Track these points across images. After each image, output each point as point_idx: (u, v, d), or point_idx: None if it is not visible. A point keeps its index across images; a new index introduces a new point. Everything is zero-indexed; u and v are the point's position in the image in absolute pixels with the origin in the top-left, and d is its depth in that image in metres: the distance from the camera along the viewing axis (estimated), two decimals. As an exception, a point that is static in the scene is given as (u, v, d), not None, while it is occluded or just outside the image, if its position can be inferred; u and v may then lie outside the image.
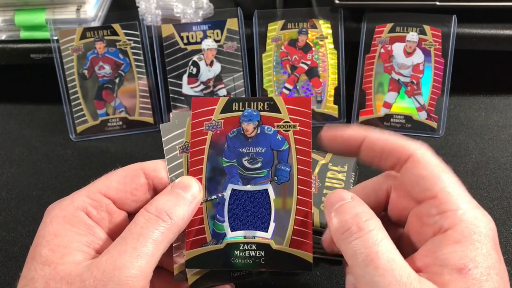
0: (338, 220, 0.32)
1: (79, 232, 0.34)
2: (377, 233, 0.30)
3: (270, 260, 0.36)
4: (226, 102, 0.39)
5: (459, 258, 0.29)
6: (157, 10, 0.68)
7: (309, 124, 0.39)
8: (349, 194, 0.34)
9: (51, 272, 0.32)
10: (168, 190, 0.36)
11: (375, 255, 0.29)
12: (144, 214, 0.34)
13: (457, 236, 0.30)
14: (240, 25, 0.68)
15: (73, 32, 0.67)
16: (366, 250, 0.29)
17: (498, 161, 0.63)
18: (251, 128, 0.39)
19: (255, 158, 0.39)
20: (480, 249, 0.30)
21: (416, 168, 0.34)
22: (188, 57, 0.68)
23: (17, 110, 0.75)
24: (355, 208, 0.32)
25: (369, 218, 0.31)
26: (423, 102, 0.68)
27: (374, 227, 0.30)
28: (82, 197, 0.35)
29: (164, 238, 0.33)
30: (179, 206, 0.35)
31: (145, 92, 0.70)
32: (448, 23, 0.66)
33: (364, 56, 0.68)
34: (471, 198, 0.33)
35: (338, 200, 0.33)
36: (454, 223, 0.30)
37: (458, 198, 0.32)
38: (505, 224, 0.56)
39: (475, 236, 0.30)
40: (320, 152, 0.57)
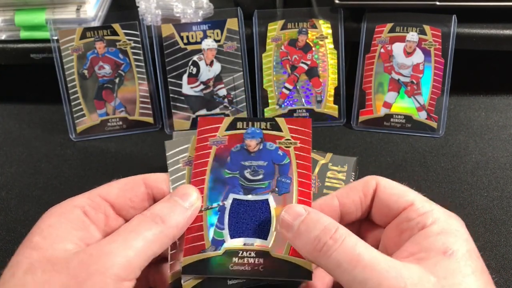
0: (309, 239, 0.33)
1: (74, 227, 0.35)
2: (350, 238, 0.32)
3: (268, 268, 0.36)
4: (231, 121, 0.42)
5: (442, 243, 0.32)
6: (157, 10, 0.68)
7: (310, 142, 0.41)
8: (302, 208, 0.35)
9: (38, 255, 0.32)
10: (167, 198, 0.37)
11: (358, 257, 0.31)
12: (138, 216, 0.35)
13: (438, 229, 0.34)
14: (240, 25, 0.68)
15: (73, 32, 0.67)
16: (348, 256, 0.31)
17: (498, 161, 0.63)
18: (254, 144, 0.41)
19: (257, 171, 0.40)
20: (459, 237, 0.33)
21: (386, 189, 0.38)
22: (188, 57, 0.68)
23: (17, 110, 0.75)
24: (318, 221, 0.33)
25: (337, 227, 0.33)
26: (423, 102, 0.68)
27: (345, 234, 0.32)
28: (82, 198, 0.37)
29: (156, 239, 0.34)
30: (174, 213, 0.36)
31: (145, 92, 0.70)
32: (448, 23, 0.66)
33: (364, 56, 0.68)
34: (433, 202, 0.38)
35: (295, 217, 0.34)
36: (434, 220, 0.34)
37: (430, 203, 0.37)
38: (505, 224, 0.56)
39: (453, 227, 0.34)
40: (320, 152, 0.57)
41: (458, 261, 0.32)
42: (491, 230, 0.56)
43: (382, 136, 0.68)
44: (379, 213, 0.38)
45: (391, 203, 0.37)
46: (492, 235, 0.55)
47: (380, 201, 0.37)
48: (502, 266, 0.52)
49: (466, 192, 0.60)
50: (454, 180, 0.61)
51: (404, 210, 0.36)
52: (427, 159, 0.64)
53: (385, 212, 0.37)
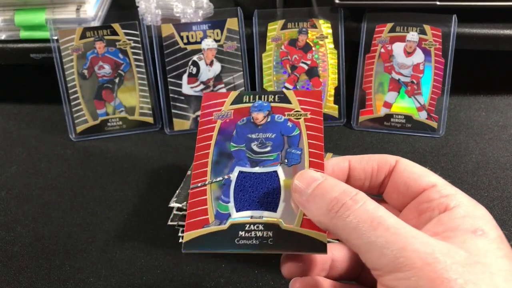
0: (326, 200, 0.30)
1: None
2: (371, 203, 0.29)
3: (279, 241, 0.34)
4: (237, 95, 0.40)
5: (470, 224, 0.29)
6: (157, 10, 0.68)
7: (321, 112, 0.39)
8: (318, 174, 0.32)
9: None
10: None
11: (380, 219, 0.28)
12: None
13: (463, 212, 0.30)
14: (240, 24, 0.68)
15: (73, 32, 0.67)
16: (369, 217, 0.28)
17: (498, 161, 0.63)
18: (261, 116, 0.39)
19: (265, 143, 0.38)
20: (488, 222, 0.30)
21: (407, 167, 0.35)
22: (188, 56, 0.68)
23: (17, 110, 0.75)
24: (337, 185, 0.31)
25: (357, 192, 0.30)
26: (423, 102, 0.67)
27: (366, 198, 0.29)
28: None
29: None
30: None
31: (145, 92, 0.70)
32: (448, 23, 0.66)
33: (364, 56, 0.68)
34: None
35: (310, 182, 0.32)
36: (458, 203, 0.31)
37: (454, 188, 0.34)
38: (505, 224, 0.56)
39: (479, 213, 0.31)
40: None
41: (490, 242, 0.28)
42: (491, 230, 0.56)
43: (382, 136, 0.68)
44: (396, 193, 0.35)
45: (411, 182, 0.34)
46: (492, 235, 0.55)
47: (399, 179, 0.35)
48: (503, 266, 0.52)
49: (467, 192, 0.59)
50: (455, 180, 0.61)
51: (425, 191, 0.33)
52: (427, 159, 0.64)
53: (403, 192, 0.34)
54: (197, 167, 0.37)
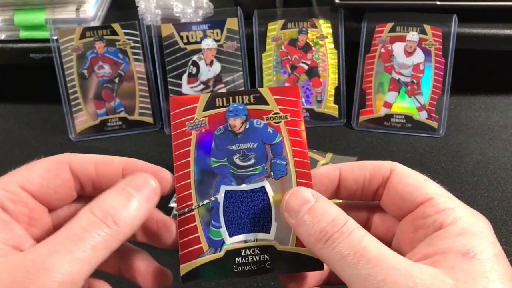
0: (314, 230, 0.29)
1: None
2: (358, 231, 0.29)
3: (276, 263, 0.33)
4: (208, 98, 0.35)
5: (462, 245, 0.28)
6: (157, 10, 0.68)
7: (300, 113, 0.36)
8: (310, 194, 0.31)
9: None
10: (119, 189, 0.31)
11: (363, 250, 0.28)
12: (87, 216, 0.29)
13: (458, 230, 0.29)
14: (240, 24, 0.68)
15: (73, 31, 0.67)
16: (353, 249, 0.28)
17: (498, 161, 0.63)
18: (239, 123, 0.35)
19: (247, 155, 0.35)
20: (484, 239, 0.29)
21: (403, 177, 0.33)
22: (188, 56, 0.68)
23: (16, 110, 0.75)
24: (327, 212, 0.30)
25: (346, 220, 0.29)
26: (423, 102, 0.67)
27: (353, 226, 0.29)
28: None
29: (106, 246, 0.29)
30: (128, 211, 0.30)
31: (145, 92, 0.69)
32: (449, 23, 0.66)
33: (364, 55, 0.68)
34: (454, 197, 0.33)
35: (302, 204, 0.31)
36: (454, 219, 0.30)
37: (452, 199, 0.32)
38: (505, 224, 0.56)
39: (476, 228, 0.29)
40: (321, 152, 0.57)
41: (482, 265, 0.27)
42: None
43: (382, 136, 0.68)
44: (391, 204, 0.34)
45: (406, 196, 0.32)
46: (492, 235, 0.55)
47: (394, 192, 0.33)
48: (503, 267, 0.52)
49: (467, 192, 0.60)
50: (455, 180, 0.61)
51: (421, 205, 0.31)
52: (427, 159, 0.64)
53: (398, 204, 0.33)
54: (180, 190, 0.34)
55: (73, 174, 0.33)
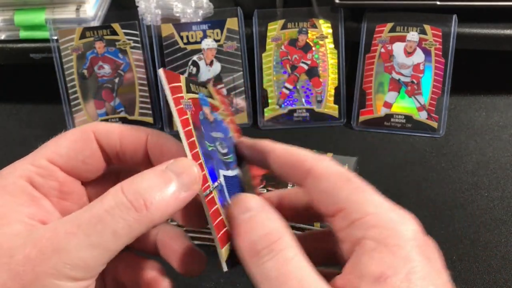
0: (247, 241, 0.27)
1: (20, 203, 0.28)
2: (288, 251, 0.26)
3: None
4: (185, 81, 0.33)
5: (376, 266, 0.25)
6: (157, 10, 0.68)
7: (231, 112, 0.37)
8: (255, 202, 0.29)
9: None
10: (159, 169, 0.28)
11: (286, 275, 0.25)
12: (116, 195, 0.26)
13: (372, 244, 0.26)
14: (240, 24, 0.68)
15: (73, 31, 0.67)
16: (277, 271, 0.26)
17: (498, 161, 0.63)
18: (209, 112, 0.34)
19: (222, 143, 0.34)
20: (398, 253, 0.26)
21: (318, 182, 0.29)
22: (188, 56, 0.68)
23: (16, 110, 0.75)
24: (263, 224, 0.28)
25: (281, 236, 0.27)
26: (423, 102, 0.67)
27: (285, 245, 0.26)
28: (26, 165, 0.30)
29: (130, 231, 0.26)
30: (163, 196, 0.27)
31: (145, 92, 0.69)
32: (449, 23, 0.66)
33: (364, 55, 0.68)
34: (385, 200, 0.29)
35: (242, 211, 0.28)
36: (366, 231, 0.27)
37: (365, 204, 0.28)
38: (505, 224, 0.56)
39: (390, 240, 0.26)
40: (321, 152, 0.57)
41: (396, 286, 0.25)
42: (491, 230, 0.56)
43: (382, 136, 0.68)
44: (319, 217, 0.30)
45: (321, 208, 0.29)
46: (492, 235, 0.55)
47: (314, 204, 0.29)
48: (503, 266, 0.52)
49: (467, 192, 0.60)
50: (455, 180, 0.61)
51: (336, 216, 0.28)
52: (427, 159, 0.64)
53: (319, 216, 0.30)
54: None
55: (98, 144, 0.31)
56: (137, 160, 0.32)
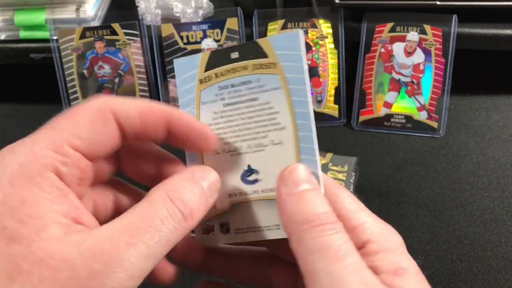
0: (307, 210, 0.27)
1: (51, 199, 0.25)
2: (342, 236, 0.27)
3: None
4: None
5: (388, 263, 0.27)
6: (157, 10, 0.68)
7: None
8: (315, 179, 0.29)
9: (23, 251, 0.23)
10: (192, 179, 0.29)
11: (339, 254, 0.26)
12: (166, 203, 0.27)
13: (377, 247, 0.28)
14: (240, 24, 0.68)
15: (73, 31, 0.67)
16: (341, 245, 0.26)
17: (498, 161, 0.63)
18: None
19: None
20: (404, 255, 0.29)
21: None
22: (188, 56, 0.68)
23: (16, 110, 0.75)
24: (324, 203, 0.28)
25: (337, 220, 0.28)
26: (423, 102, 0.67)
27: (340, 229, 0.27)
28: (47, 151, 0.26)
29: (178, 239, 0.27)
30: (201, 206, 0.28)
31: (145, 92, 0.69)
32: (449, 23, 0.66)
33: (364, 55, 0.68)
34: (367, 209, 0.31)
35: (306, 180, 0.28)
36: (368, 236, 0.29)
37: (360, 210, 0.30)
38: (505, 224, 0.56)
39: (392, 245, 0.29)
40: (321, 152, 0.57)
41: (414, 279, 0.27)
42: (491, 230, 0.56)
43: (382, 136, 0.68)
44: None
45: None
46: (492, 235, 0.55)
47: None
48: (503, 266, 0.52)
49: (467, 192, 0.60)
50: (455, 180, 0.61)
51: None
52: (427, 159, 0.64)
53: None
54: None
55: (117, 123, 0.29)
56: (156, 139, 0.31)
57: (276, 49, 0.31)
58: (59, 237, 0.24)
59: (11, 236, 0.23)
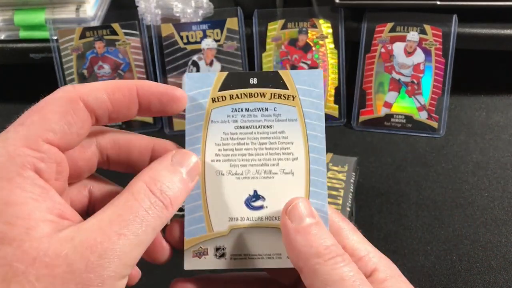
0: (320, 243, 0.28)
1: (35, 198, 0.25)
2: (353, 266, 0.29)
3: None
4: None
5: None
6: (157, 10, 0.68)
7: None
8: (316, 213, 0.30)
9: (15, 252, 0.23)
10: (170, 166, 0.30)
11: (362, 280, 0.28)
12: (148, 195, 0.28)
13: (383, 275, 0.30)
14: (240, 24, 0.68)
15: (73, 31, 0.67)
16: (347, 281, 0.28)
17: (499, 161, 0.63)
18: None
19: None
20: (405, 280, 0.31)
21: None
22: (188, 56, 0.68)
23: (16, 110, 0.74)
24: (330, 235, 0.29)
25: (344, 252, 0.29)
26: (423, 102, 0.67)
27: (349, 260, 0.29)
28: (23, 149, 0.26)
29: (162, 226, 0.28)
30: (180, 192, 0.29)
31: (145, 92, 0.69)
32: (449, 23, 0.66)
33: (364, 55, 0.68)
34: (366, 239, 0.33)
35: (309, 215, 0.30)
36: (375, 265, 0.31)
37: (364, 242, 0.32)
38: (506, 224, 0.56)
39: (394, 272, 0.31)
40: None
41: None
42: (491, 230, 0.56)
43: (382, 136, 0.68)
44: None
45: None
46: (493, 235, 0.55)
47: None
48: (503, 266, 0.52)
49: (467, 192, 0.60)
50: (455, 180, 0.61)
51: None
52: (427, 159, 0.64)
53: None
54: None
55: (89, 110, 0.29)
56: (130, 115, 0.31)
57: (296, 83, 0.32)
58: (49, 234, 0.24)
59: (2, 238, 0.24)
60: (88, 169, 0.32)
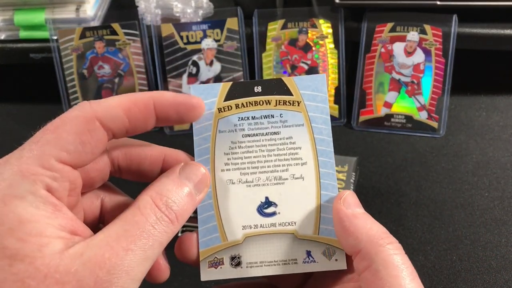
0: (376, 228, 0.29)
1: (48, 216, 0.26)
2: (404, 255, 0.30)
3: None
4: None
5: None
6: (157, 10, 0.68)
7: None
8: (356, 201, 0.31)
9: (27, 268, 0.24)
10: (177, 180, 0.30)
11: (410, 267, 0.29)
12: (154, 210, 0.28)
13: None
14: (240, 24, 0.68)
15: (73, 31, 0.67)
16: (404, 262, 0.28)
17: (499, 161, 0.63)
18: None
19: None
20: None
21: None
22: (188, 56, 0.68)
23: (16, 110, 0.75)
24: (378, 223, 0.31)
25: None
26: (423, 102, 0.67)
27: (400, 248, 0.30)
28: (36, 168, 0.27)
29: (168, 240, 0.29)
30: (187, 206, 0.30)
31: (145, 92, 0.69)
32: (449, 23, 0.66)
33: (364, 55, 0.68)
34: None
35: (359, 205, 0.31)
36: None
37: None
38: (505, 224, 0.56)
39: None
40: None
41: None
42: (491, 230, 0.56)
43: (382, 136, 0.68)
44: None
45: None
46: (493, 235, 0.55)
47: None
48: (503, 266, 0.52)
49: (467, 192, 0.60)
50: (455, 180, 0.61)
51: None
52: (427, 159, 0.64)
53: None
54: None
55: (105, 129, 0.29)
56: (147, 128, 0.31)
57: (300, 89, 0.33)
58: (60, 251, 0.25)
59: (12, 255, 0.24)
60: (100, 179, 0.32)
